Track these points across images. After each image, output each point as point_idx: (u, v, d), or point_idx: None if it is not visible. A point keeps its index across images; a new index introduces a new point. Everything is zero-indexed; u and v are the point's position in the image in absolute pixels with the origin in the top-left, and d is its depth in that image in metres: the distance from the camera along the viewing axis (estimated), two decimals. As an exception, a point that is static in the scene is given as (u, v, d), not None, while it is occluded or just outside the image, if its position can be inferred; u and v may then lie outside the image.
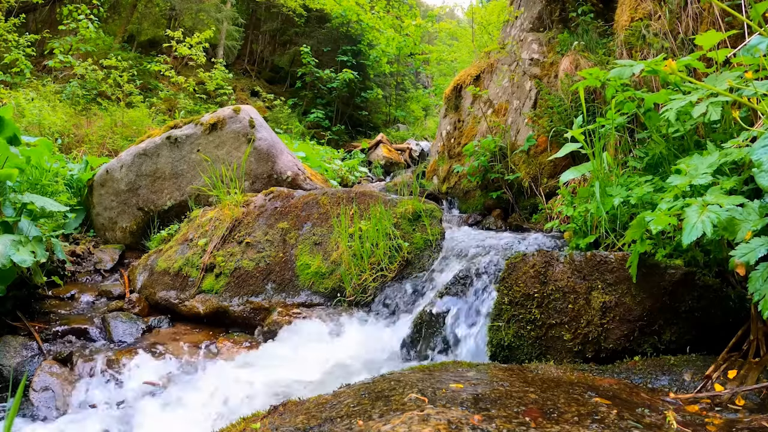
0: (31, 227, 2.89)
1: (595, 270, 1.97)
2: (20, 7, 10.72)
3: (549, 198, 4.04)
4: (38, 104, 7.32)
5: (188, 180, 4.30)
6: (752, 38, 1.93)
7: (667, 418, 1.25)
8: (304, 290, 3.05)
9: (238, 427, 1.50)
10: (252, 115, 4.44)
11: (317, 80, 13.84)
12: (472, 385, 1.43)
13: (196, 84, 11.05)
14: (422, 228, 3.15)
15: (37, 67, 10.13)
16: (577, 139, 2.52)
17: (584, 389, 1.46)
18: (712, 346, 1.82)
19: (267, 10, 15.57)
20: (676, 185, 1.79)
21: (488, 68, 5.31)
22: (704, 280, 1.87)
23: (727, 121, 2.19)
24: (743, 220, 1.50)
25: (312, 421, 1.27)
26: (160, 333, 2.97)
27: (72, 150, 6.90)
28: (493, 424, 1.11)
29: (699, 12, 3.00)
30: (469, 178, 4.70)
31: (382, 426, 1.11)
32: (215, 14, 13.70)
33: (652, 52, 3.17)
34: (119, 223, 4.44)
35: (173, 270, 3.36)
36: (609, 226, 2.40)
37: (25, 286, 3.05)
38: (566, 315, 1.95)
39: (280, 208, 3.54)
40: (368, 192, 3.69)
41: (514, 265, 2.12)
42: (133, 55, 12.06)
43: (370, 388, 1.47)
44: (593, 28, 4.27)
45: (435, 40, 18.47)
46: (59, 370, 2.40)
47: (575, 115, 3.58)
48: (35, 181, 3.91)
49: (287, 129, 12.34)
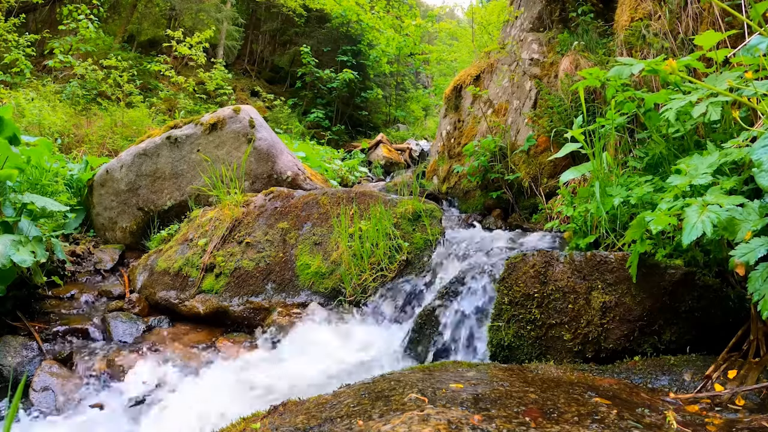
0: (31, 227, 2.89)
1: (595, 270, 1.97)
2: (20, 7, 10.72)
3: (549, 198, 4.04)
4: (38, 104, 7.32)
5: (188, 180, 4.30)
6: (752, 38, 1.93)
7: (667, 418, 1.25)
8: (304, 290, 3.05)
9: (238, 427, 1.50)
10: (252, 115, 4.44)
11: (317, 80, 13.84)
12: (472, 385, 1.43)
13: (196, 84, 11.06)
14: (422, 228, 3.15)
15: (37, 67, 10.13)
16: (577, 139, 2.52)
17: (584, 389, 1.46)
18: (712, 346, 1.82)
19: (267, 10, 15.57)
20: (676, 185, 1.79)
21: (488, 68, 5.31)
22: (704, 280, 1.87)
23: (727, 121, 2.19)
24: (743, 220, 1.50)
25: (312, 421, 1.27)
26: (160, 333, 2.97)
27: (72, 150, 6.90)
28: (493, 424, 1.11)
29: (699, 12, 3.00)
30: (469, 178, 4.70)
31: (382, 426, 1.11)
32: (215, 14, 13.70)
33: (652, 52, 3.17)
34: (119, 223, 4.44)
35: (173, 270, 3.37)
36: (609, 226, 2.40)
37: (25, 286, 3.05)
38: (566, 315, 1.95)
39: (280, 208, 3.54)
40: (368, 192, 3.69)
41: (514, 265, 2.12)
42: (133, 55, 12.06)
43: (370, 388, 1.47)
44: (593, 28, 4.27)
45: (435, 40, 18.47)
46: (59, 370, 2.41)
47: (575, 115, 3.58)
48: (35, 181, 3.91)
49: (287, 129, 12.34)
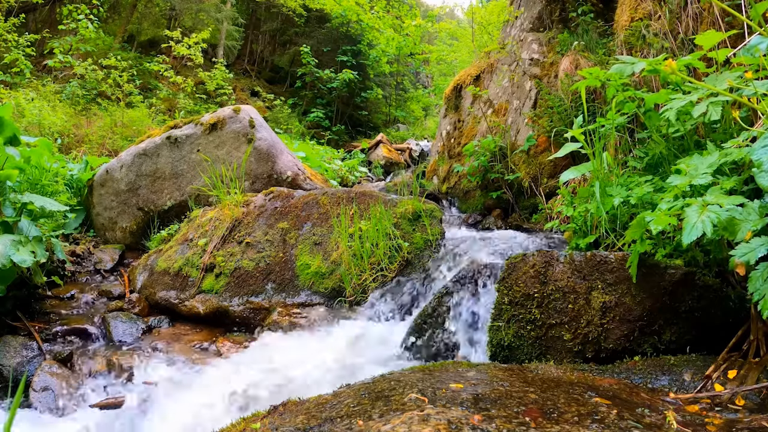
0: (31, 227, 2.88)
1: (595, 270, 1.97)
2: (20, 7, 10.71)
3: (549, 198, 4.04)
4: (38, 104, 7.31)
5: (188, 180, 4.30)
6: (752, 38, 1.93)
7: (667, 418, 1.25)
8: (304, 290, 3.05)
9: (238, 427, 1.50)
10: (252, 115, 4.44)
11: (317, 80, 13.84)
12: (472, 385, 1.43)
13: (196, 84, 11.05)
14: (422, 228, 3.15)
15: (37, 67, 10.12)
16: (577, 139, 2.51)
17: (584, 389, 1.46)
18: (712, 346, 1.82)
19: (267, 10, 15.57)
20: (676, 185, 1.79)
21: (488, 68, 5.31)
22: (704, 280, 1.87)
23: (727, 121, 2.19)
24: (743, 220, 1.50)
25: (312, 421, 1.27)
26: (160, 333, 2.97)
27: (72, 150, 6.90)
28: (493, 424, 1.11)
29: (699, 12, 3.00)
30: (469, 178, 4.70)
31: (382, 426, 1.11)
32: (215, 14, 13.70)
33: (652, 52, 3.17)
34: (119, 223, 4.44)
35: (173, 270, 3.36)
36: (609, 226, 2.40)
37: (25, 286, 3.04)
38: (566, 315, 1.95)
39: (280, 208, 3.54)
40: (368, 192, 3.69)
41: (514, 265, 2.12)
42: (133, 55, 12.05)
43: (370, 388, 1.47)
44: (593, 28, 4.27)
45: (435, 40, 18.45)
46: (59, 370, 2.40)
47: (575, 115, 3.58)
48: (35, 181, 3.90)
49: (287, 129, 12.33)
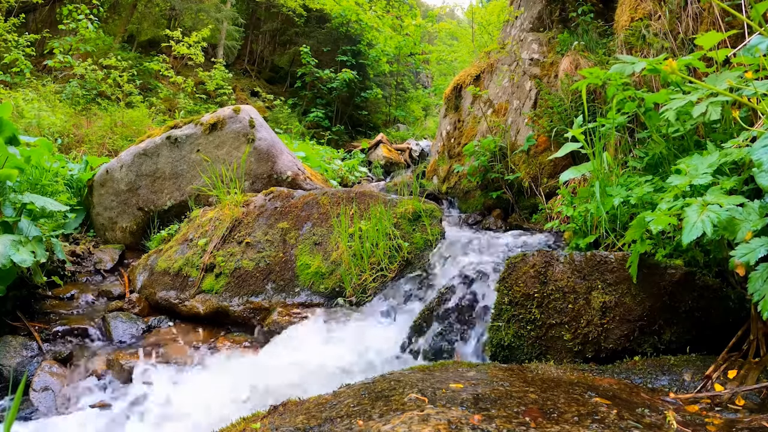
0: (31, 227, 2.88)
1: (595, 270, 1.97)
2: (20, 7, 10.71)
3: (549, 198, 4.04)
4: (37, 104, 7.31)
5: (188, 180, 4.30)
6: (752, 38, 1.93)
7: (667, 418, 1.25)
8: (304, 290, 3.05)
9: (238, 427, 1.50)
10: (252, 115, 4.44)
11: (317, 80, 13.83)
12: (472, 385, 1.43)
13: (196, 84, 11.04)
14: (422, 228, 3.15)
15: (37, 67, 10.12)
16: (577, 139, 2.51)
17: (584, 389, 1.46)
18: (712, 346, 1.82)
19: (267, 10, 15.57)
20: (676, 185, 1.79)
21: (488, 68, 5.31)
22: (704, 280, 1.87)
23: (727, 121, 2.19)
24: (743, 220, 1.50)
25: (312, 421, 1.27)
26: (160, 333, 2.97)
27: (72, 150, 6.89)
28: (493, 424, 1.11)
29: (699, 12, 3.00)
30: (469, 178, 4.70)
31: (382, 426, 1.11)
32: (215, 14, 13.69)
33: (652, 52, 3.16)
34: (119, 223, 4.44)
35: (173, 270, 3.36)
36: (609, 226, 2.40)
37: (25, 286, 3.04)
38: (566, 315, 1.95)
39: (280, 208, 3.54)
40: (368, 192, 3.68)
41: (514, 265, 2.12)
42: (133, 55, 12.04)
43: (370, 388, 1.47)
44: (593, 28, 4.27)
45: (435, 40, 18.46)
46: (59, 370, 2.40)
47: (575, 115, 3.58)
48: (35, 181, 3.90)
49: (287, 129, 12.32)
